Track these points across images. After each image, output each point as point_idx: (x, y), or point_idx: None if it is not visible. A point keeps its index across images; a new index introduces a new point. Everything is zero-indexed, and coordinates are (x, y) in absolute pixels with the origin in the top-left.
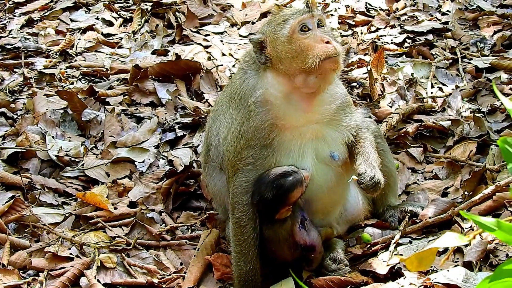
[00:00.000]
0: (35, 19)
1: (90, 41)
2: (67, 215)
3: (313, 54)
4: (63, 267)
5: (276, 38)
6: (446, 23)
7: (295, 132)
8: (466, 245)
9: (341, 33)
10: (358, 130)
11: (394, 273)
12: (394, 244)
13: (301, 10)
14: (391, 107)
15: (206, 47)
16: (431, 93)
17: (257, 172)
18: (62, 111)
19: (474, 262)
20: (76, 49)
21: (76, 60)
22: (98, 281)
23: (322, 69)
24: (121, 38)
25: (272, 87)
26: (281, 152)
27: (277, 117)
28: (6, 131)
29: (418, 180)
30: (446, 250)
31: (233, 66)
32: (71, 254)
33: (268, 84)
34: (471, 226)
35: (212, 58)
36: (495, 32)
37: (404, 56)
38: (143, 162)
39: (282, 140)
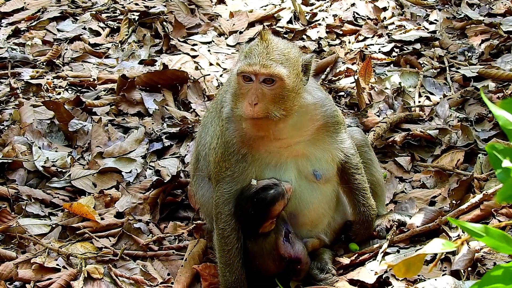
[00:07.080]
0: (22, 29)
1: (77, 51)
2: (53, 226)
3: None
4: (50, 278)
5: None
6: (434, 32)
7: (271, 149)
8: (454, 254)
9: (328, 42)
10: (346, 158)
11: (382, 282)
12: (382, 253)
13: None
14: (378, 116)
15: (194, 56)
16: (419, 102)
17: (237, 184)
18: (48, 121)
19: (462, 271)
20: (63, 59)
21: (63, 70)
22: None
23: None
24: (108, 48)
25: None
26: (259, 168)
27: (242, 136)
28: None
29: (405, 189)
30: (433, 259)
31: (221, 75)
32: (58, 265)
33: None
34: (458, 235)
35: (199, 67)
36: (482, 41)
37: (391, 65)
38: (130, 172)
39: (256, 157)
